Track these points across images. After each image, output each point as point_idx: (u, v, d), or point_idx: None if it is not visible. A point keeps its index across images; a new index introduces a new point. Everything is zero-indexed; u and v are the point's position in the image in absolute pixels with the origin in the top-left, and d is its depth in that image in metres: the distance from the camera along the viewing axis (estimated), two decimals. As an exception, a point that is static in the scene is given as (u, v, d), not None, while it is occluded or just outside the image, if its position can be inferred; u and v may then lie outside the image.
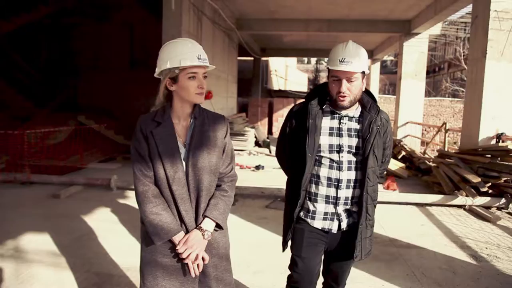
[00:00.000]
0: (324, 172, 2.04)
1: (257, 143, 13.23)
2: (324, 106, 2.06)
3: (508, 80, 6.76)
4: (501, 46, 6.71)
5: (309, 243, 2.12)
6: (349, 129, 2.05)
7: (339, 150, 2.02)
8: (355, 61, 1.92)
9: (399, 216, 5.37)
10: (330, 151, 2.03)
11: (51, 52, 12.61)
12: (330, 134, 2.04)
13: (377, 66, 19.59)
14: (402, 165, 8.63)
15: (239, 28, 12.23)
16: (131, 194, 6.10)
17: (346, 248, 2.09)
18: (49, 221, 4.70)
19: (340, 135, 2.03)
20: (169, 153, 1.75)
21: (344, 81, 1.94)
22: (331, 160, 2.03)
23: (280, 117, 16.25)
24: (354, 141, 2.03)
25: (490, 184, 5.86)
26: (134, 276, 3.29)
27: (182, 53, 1.72)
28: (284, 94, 18.21)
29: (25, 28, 10.91)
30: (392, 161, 8.23)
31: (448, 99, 22.20)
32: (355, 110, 2.08)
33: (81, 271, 3.41)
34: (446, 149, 8.72)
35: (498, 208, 5.70)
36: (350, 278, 2.33)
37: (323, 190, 2.05)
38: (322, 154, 2.03)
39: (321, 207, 2.07)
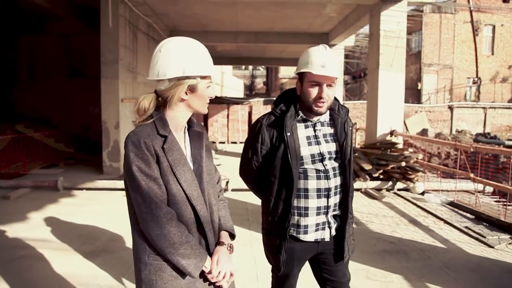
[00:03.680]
0: (312, 184, 1.95)
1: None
2: (298, 115, 1.98)
3: (397, 86, 8.31)
4: (390, 59, 8.23)
5: (299, 260, 2.07)
6: (324, 135, 2.00)
7: (322, 158, 1.96)
8: (335, 66, 1.88)
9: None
10: (313, 161, 1.95)
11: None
12: (309, 144, 1.96)
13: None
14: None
15: (173, 40, 13.04)
16: (77, 193, 6.81)
17: (337, 251, 2.06)
18: (3, 217, 5.32)
19: (318, 143, 1.97)
20: (184, 170, 1.54)
21: (325, 87, 1.89)
22: (317, 171, 1.95)
23: (214, 121, 17.28)
24: (332, 147, 1.99)
25: (381, 170, 7.27)
26: (84, 248, 4.14)
27: (205, 60, 1.55)
28: (219, 100, 19.14)
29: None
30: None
31: (370, 102, 24.46)
32: (325, 115, 2.02)
33: (42, 247, 4.19)
34: (356, 146, 10.21)
35: (388, 190, 7.11)
36: (247, 241, 3.26)
37: (313, 202, 1.96)
38: (306, 166, 1.94)
39: (312, 220, 1.98)
